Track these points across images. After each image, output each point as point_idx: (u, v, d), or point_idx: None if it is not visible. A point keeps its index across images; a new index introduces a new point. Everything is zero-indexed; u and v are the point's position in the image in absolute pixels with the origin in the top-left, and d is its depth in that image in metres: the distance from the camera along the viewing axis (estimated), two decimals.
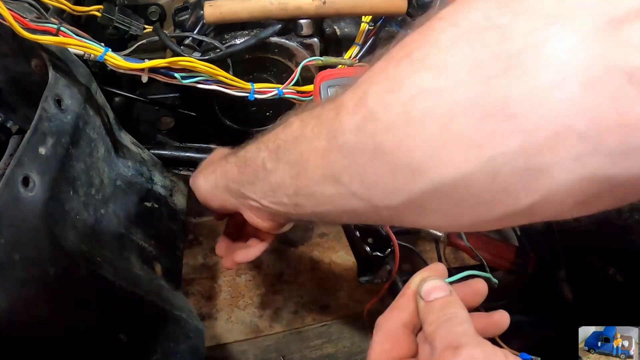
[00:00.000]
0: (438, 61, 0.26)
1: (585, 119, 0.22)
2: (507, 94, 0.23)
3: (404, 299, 0.36)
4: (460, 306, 0.34)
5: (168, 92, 0.77)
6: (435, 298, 0.34)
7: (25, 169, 0.42)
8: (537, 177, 0.24)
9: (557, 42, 0.22)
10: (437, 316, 0.33)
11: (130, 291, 0.50)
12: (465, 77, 0.24)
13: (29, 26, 0.50)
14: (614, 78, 0.21)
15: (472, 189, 0.26)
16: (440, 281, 0.36)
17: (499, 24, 0.24)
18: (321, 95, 0.61)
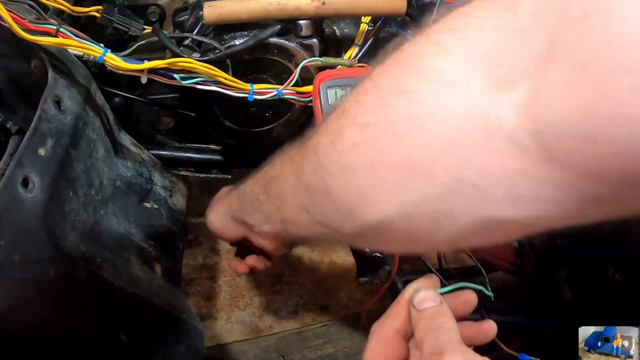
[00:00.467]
0: (363, 120, 0.30)
1: (476, 172, 0.26)
2: (411, 151, 0.28)
3: (397, 307, 0.40)
4: (448, 316, 0.37)
5: (167, 93, 0.77)
6: (426, 307, 0.38)
7: (24, 169, 0.42)
8: (443, 220, 0.29)
9: (451, 106, 0.26)
10: (426, 324, 0.37)
11: (130, 292, 0.51)
12: (381, 134, 0.29)
13: (28, 27, 0.50)
14: (498, 137, 0.25)
15: (396, 228, 0.31)
16: (431, 292, 0.39)
17: (408, 89, 0.28)
18: (320, 96, 0.61)
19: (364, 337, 0.97)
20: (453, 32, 0.27)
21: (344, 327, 0.99)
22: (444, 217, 0.29)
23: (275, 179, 0.42)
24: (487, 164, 0.25)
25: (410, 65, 0.29)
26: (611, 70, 0.20)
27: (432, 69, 0.27)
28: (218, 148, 0.79)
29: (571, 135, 0.22)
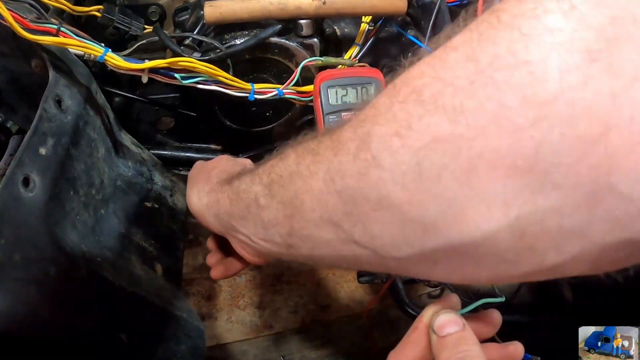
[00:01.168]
0: (454, 103, 0.22)
1: (628, 177, 0.19)
2: (539, 147, 0.20)
3: (416, 334, 0.35)
4: (474, 342, 0.33)
5: (168, 92, 0.77)
6: (448, 333, 0.33)
7: (25, 169, 0.42)
8: (570, 237, 0.22)
9: (597, 85, 0.19)
10: (450, 354, 0.32)
11: (131, 291, 0.50)
12: (488, 125, 0.21)
13: (28, 26, 0.50)
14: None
15: (495, 248, 0.24)
16: (453, 315, 0.34)
17: (528, 59, 0.20)
18: (321, 96, 0.61)
19: (364, 337, 0.97)
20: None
21: (344, 327, 0.99)
22: (571, 234, 0.22)
23: (287, 178, 0.32)
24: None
25: (526, 27, 0.20)
26: None
27: (561, 32, 0.19)
28: (218, 148, 0.79)
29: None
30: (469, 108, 0.21)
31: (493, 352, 0.36)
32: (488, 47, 0.21)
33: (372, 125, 0.25)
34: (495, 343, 0.37)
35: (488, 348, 0.35)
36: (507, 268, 0.25)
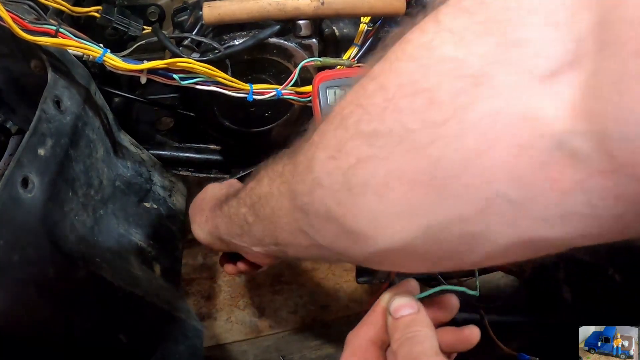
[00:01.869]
0: (370, 128, 0.25)
1: (515, 185, 0.21)
2: (437, 162, 0.23)
3: (373, 315, 0.37)
4: (425, 324, 0.35)
5: (167, 93, 0.77)
6: (402, 315, 0.35)
7: (24, 169, 0.42)
8: (477, 241, 0.25)
9: (482, 105, 0.21)
10: (401, 334, 0.34)
11: (130, 292, 0.51)
12: (395, 146, 0.24)
13: (27, 27, 0.50)
14: (543, 143, 0.20)
15: (416, 253, 0.27)
16: (408, 298, 0.36)
17: (425, 87, 0.23)
18: (320, 96, 0.61)
19: None
20: (470, 15, 0.22)
21: (344, 327, 0.98)
22: (475, 238, 0.25)
23: (264, 199, 0.37)
24: (531, 177, 0.21)
25: (423, 58, 0.23)
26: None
27: (451, 61, 0.22)
28: (217, 148, 0.79)
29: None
30: (381, 132, 0.25)
31: (448, 335, 0.37)
32: (395, 77, 0.25)
33: (315, 150, 0.29)
34: (451, 327, 0.38)
35: (443, 331, 0.37)
36: (436, 265, 0.31)
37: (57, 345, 0.45)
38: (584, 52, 0.19)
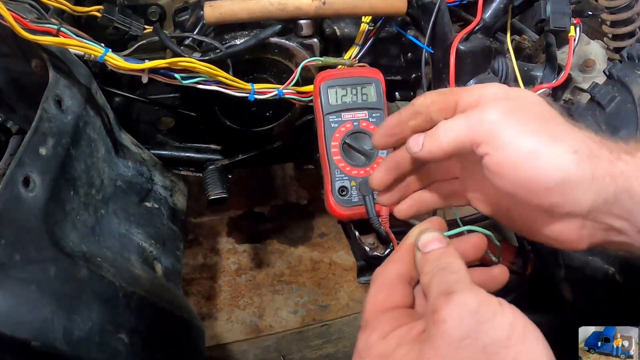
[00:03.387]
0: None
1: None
2: None
3: (400, 252, 0.37)
4: (456, 256, 0.34)
5: (168, 93, 0.77)
6: (431, 249, 0.34)
7: (25, 169, 0.42)
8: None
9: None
10: (432, 266, 0.33)
11: (131, 291, 0.51)
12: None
13: (29, 27, 0.50)
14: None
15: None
16: (437, 233, 0.36)
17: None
18: (321, 96, 0.61)
19: None
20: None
21: (344, 327, 0.99)
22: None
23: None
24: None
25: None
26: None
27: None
28: (218, 148, 0.79)
29: None
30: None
31: (478, 275, 0.36)
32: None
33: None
34: (479, 267, 0.37)
35: (473, 271, 0.35)
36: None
37: (58, 345, 0.45)
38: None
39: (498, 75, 0.71)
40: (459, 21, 0.72)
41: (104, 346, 0.47)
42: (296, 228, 1.15)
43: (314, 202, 1.20)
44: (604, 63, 0.76)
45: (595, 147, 0.34)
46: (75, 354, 0.44)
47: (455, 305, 0.29)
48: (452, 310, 0.29)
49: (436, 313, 0.30)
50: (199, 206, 1.12)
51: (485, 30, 0.68)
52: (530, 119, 0.34)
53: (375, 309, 0.35)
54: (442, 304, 0.30)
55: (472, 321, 0.29)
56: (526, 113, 0.34)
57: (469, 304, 0.29)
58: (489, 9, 0.68)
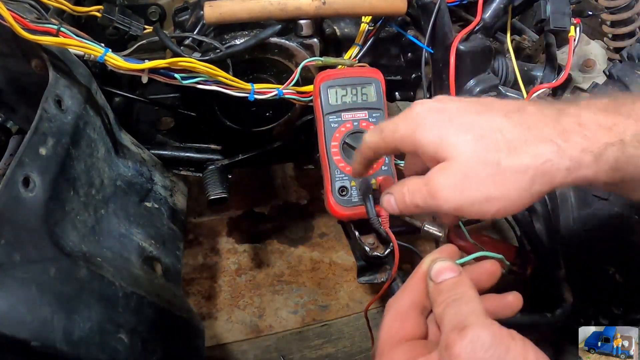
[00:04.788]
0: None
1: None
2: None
3: (413, 281, 0.37)
4: (469, 286, 0.34)
5: (168, 93, 0.77)
6: (444, 279, 0.35)
7: (25, 169, 0.42)
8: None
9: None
10: (445, 297, 0.34)
11: (130, 291, 0.51)
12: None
13: (29, 27, 0.50)
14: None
15: None
16: (450, 262, 0.36)
17: None
18: (321, 96, 0.61)
19: (364, 337, 0.97)
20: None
21: (344, 327, 0.99)
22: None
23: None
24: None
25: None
26: None
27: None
28: (218, 148, 0.79)
29: None
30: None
31: (491, 302, 0.37)
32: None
33: None
34: (492, 294, 0.37)
35: (486, 298, 0.36)
36: None
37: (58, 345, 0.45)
38: None
39: (498, 75, 0.71)
40: (459, 21, 0.72)
41: (104, 346, 0.47)
42: (296, 228, 1.15)
43: (314, 202, 1.20)
44: (604, 63, 0.76)
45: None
46: (75, 354, 0.44)
47: (469, 342, 0.30)
48: (465, 345, 0.30)
49: (450, 348, 0.30)
50: (199, 206, 1.12)
51: (485, 30, 0.68)
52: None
53: (390, 340, 0.35)
54: (456, 339, 0.30)
55: (485, 357, 0.29)
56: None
57: (483, 339, 0.29)
58: (489, 9, 0.68)
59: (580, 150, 0.36)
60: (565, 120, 0.37)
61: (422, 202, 0.39)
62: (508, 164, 0.36)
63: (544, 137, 0.37)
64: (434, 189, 0.38)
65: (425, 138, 0.39)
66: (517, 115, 0.38)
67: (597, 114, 0.37)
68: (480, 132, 0.38)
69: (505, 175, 0.36)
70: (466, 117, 0.39)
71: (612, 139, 0.36)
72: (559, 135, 0.36)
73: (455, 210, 0.38)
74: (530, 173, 0.36)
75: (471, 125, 0.38)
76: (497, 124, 0.38)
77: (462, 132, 0.38)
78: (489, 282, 0.38)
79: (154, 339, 0.53)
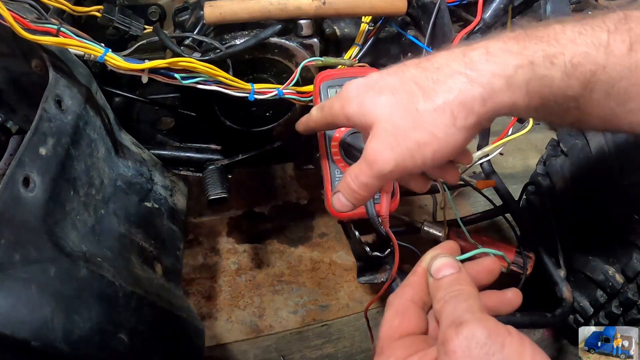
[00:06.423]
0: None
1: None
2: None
3: (414, 277, 0.38)
4: (468, 283, 0.34)
5: (168, 93, 0.77)
6: (444, 275, 0.35)
7: (25, 169, 0.42)
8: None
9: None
10: (444, 293, 0.34)
11: (131, 291, 0.51)
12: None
13: (29, 27, 0.50)
14: None
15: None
16: (450, 259, 0.36)
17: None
18: (321, 96, 0.61)
19: (364, 337, 0.97)
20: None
21: (344, 327, 0.99)
22: None
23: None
24: None
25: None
26: None
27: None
28: (218, 148, 0.79)
29: None
30: None
31: (491, 298, 0.37)
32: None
33: None
34: (492, 290, 0.38)
35: (486, 294, 0.37)
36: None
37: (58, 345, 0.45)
38: None
39: None
40: (459, 21, 0.72)
41: (104, 346, 0.47)
42: (296, 228, 1.15)
43: (314, 202, 1.20)
44: None
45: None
46: (75, 354, 0.44)
47: (465, 338, 0.30)
48: (461, 342, 0.30)
49: (446, 344, 0.30)
50: (199, 206, 1.12)
51: (485, 30, 0.68)
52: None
53: (390, 335, 0.36)
54: (452, 334, 0.30)
55: (481, 353, 0.29)
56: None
57: (478, 336, 0.30)
58: (489, 9, 0.68)
59: (490, 75, 0.37)
60: (473, 53, 0.38)
61: (366, 177, 0.41)
62: (425, 107, 0.38)
63: (452, 72, 0.38)
64: (370, 158, 0.40)
65: (351, 110, 0.42)
66: (427, 62, 0.40)
67: (507, 42, 0.38)
68: (394, 88, 0.40)
69: (426, 118, 0.38)
70: (383, 81, 0.41)
71: (521, 61, 0.37)
72: (467, 66, 0.38)
73: (396, 168, 0.39)
74: (448, 108, 0.37)
75: (386, 85, 0.40)
76: (410, 75, 0.40)
77: (377, 94, 0.40)
78: (488, 279, 0.38)
79: (154, 339, 0.53)
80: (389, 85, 0.40)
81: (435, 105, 0.38)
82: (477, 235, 0.81)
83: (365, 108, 0.41)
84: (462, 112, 0.37)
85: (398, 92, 0.39)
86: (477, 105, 0.37)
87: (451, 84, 0.38)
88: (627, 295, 0.78)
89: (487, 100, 0.37)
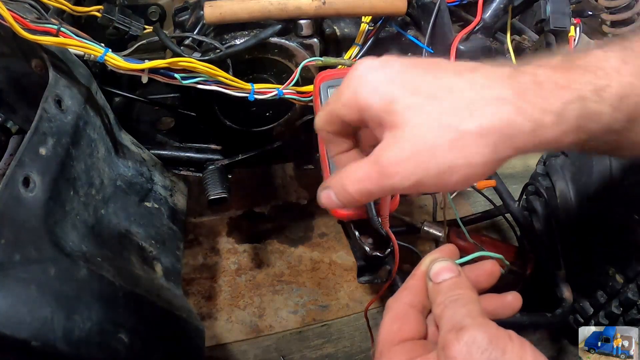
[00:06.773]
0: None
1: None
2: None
3: (413, 281, 0.37)
4: (467, 287, 0.34)
5: (168, 93, 0.77)
6: (443, 279, 0.35)
7: (25, 169, 0.42)
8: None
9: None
10: (444, 297, 0.34)
11: (130, 291, 0.51)
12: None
13: (29, 27, 0.50)
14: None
15: None
16: (449, 262, 0.36)
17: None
18: (321, 96, 0.61)
19: (364, 337, 0.97)
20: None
21: (344, 327, 0.99)
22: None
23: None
24: None
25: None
26: None
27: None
28: (218, 148, 0.79)
29: None
30: None
31: (491, 302, 0.37)
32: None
33: None
34: (492, 294, 0.37)
35: (486, 298, 0.36)
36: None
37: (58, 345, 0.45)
38: None
39: None
40: (459, 21, 0.72)
41: (104, 346, 0.47)
42: (296, 228, 1.15)
43: (314, 202, 1.19)
44: None
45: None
46: (75, 354, 0.44)
47: (465, 343, 0.30)
48: (462, 347, 0.30)
49: (447, 349, 0.30)
50: (199, 206, 1.12)
51: (485, 30, 0.68)
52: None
53: (390, 340, 0.35)
54: (453, 340, 0.30)
55: (482, 358, 0.29)
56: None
57: (479, 341, 0.29)
58: (489, 9, 0.68)
59: (540, 111, 0.33)
60: (522, 79, 0.34)
61: (374, 186, 0.35)
62: (468, 127, 0.33)
63: (502, 98, 0.33)
64: (388, 169, 0.34)
65: (369, 99, 0.34)
66: (471, 74, 0.35)
67: (553, 71, 0.34)
68: (430, 92, 0.34)
69: (467, 140, 0.33)
70: (412, 75, 0.35)
71: (571, 95, 0.33)
72: (518, 95, 0.33)
73: (414, 186, 0.34)
74: (492, 136, 0.33)
75: (419, 84, 0.34)
76: (449, 83, 0.34)
77: (410, 93, 0.34)
78: (488, 282, 0.38)
79: (154, 339, 0.53)
80: (422, 86, 0.34)
81: (480, 129, 0.33)
82: (477, 235, 0.81)
83: (392, 105, 0.34)
84: (505, 142, 0.33)
85: (436, 99, 0.34)
86: (522, 140, 0.33)
87: (501, 111, 0.33)
88: (627, 295, 0.77)
89: (534, 137, 0.33)
